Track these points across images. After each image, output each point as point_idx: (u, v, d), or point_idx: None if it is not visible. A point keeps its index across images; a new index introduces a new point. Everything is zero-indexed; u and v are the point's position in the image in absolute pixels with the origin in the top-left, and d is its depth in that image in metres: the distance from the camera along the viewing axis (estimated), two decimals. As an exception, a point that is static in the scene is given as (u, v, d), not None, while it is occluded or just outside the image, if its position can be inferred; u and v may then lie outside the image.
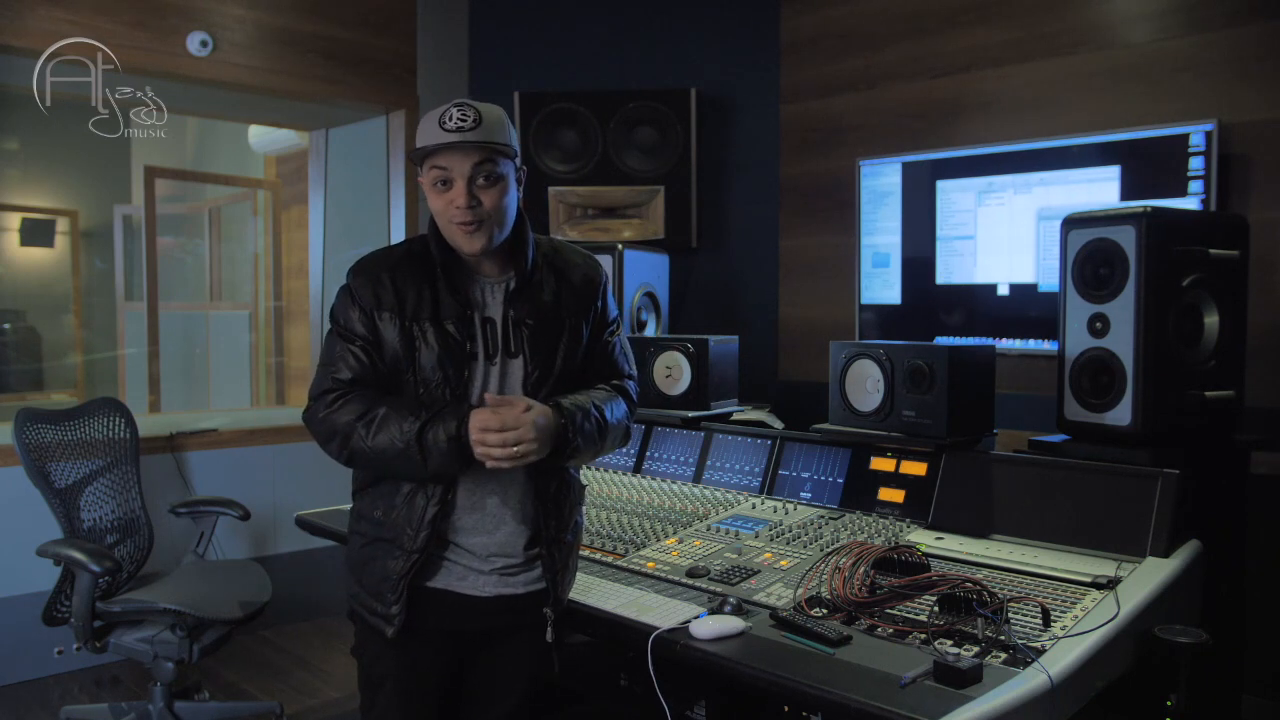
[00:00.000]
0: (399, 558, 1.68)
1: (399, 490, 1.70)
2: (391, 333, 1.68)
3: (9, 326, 6.69)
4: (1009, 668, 1.54)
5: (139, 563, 3.06)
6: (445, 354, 1.67)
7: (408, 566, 1.68)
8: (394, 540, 1.69)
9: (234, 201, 6.18)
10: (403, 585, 1.68)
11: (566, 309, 1.77)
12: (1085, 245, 2.11)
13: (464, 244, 1.67)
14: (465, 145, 1.62)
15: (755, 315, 4.10)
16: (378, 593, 1.71)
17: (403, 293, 1.68)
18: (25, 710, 3.22)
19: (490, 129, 1.64)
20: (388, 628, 1.69)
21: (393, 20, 4.21)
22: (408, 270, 1.71)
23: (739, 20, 4.14)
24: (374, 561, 1.71)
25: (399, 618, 1.68)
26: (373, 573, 1.71)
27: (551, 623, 1.77)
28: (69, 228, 6.72)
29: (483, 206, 1.65)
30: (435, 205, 1.67)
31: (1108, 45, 3.20)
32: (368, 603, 1.73)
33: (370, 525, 1.74)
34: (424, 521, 1.68)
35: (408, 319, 1.67)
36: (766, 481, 2.57)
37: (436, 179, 1.65)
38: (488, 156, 1.64)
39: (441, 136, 1.62)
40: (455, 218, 1.64)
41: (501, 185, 1.67)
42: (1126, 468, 2.00)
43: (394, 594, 1.68)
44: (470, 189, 1.63)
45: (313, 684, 3.47)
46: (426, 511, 1.68)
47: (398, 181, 4.35)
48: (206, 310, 6.27)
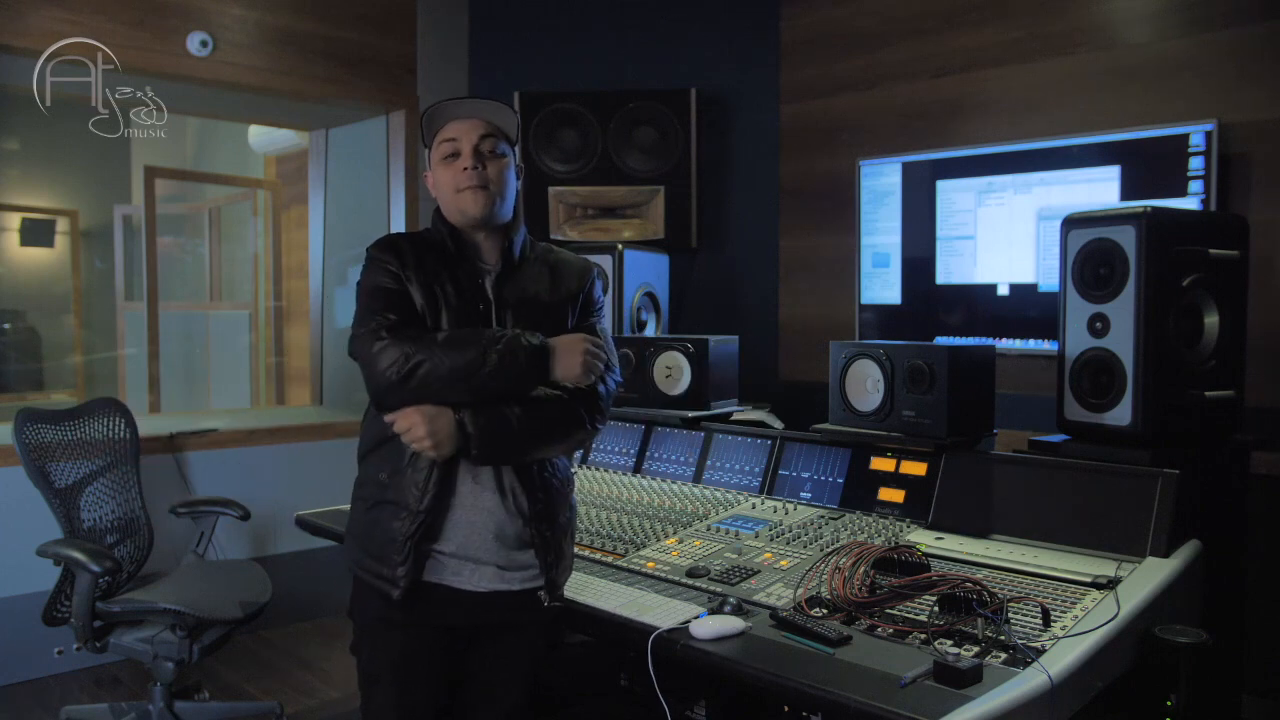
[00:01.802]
0: (404, 519, 1.69)
1: (405, 450, 1.71)
2: (416, 291, 1.73)
3: (9, 326, 6.69)
4: (1009, 668, 1.54)
5: (139, 563, 3.06)
6: (464, 314, 1.73)
7: (414, 527, 1.69)
8: (399, 501, 1.70)
9: (234, 201, 6.18)
10: (409, 546, 1.69)
11: (554, 296, 1.82)
12: (1085, 245, 2.11)
13: (469, 207, 1.74)
14: (473, 115, 1.76)
15: (755, 315, 4.10)
16: (382, 555, 1.71)
17: (422, 257, 1.75)
18: (25, 710, 3.22)
19: (497, 110, 1.79)
20: (393, 589, 1.70)
21: (393, 20, 4.21)
22: (423, 243, 1.79)
23: (739, 20, 4.14)
24: (379, 524, 1.73)
25: (405, 579, 1.69)
26: (377, 535, 1.72)
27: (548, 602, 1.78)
28: (69, 228, 6.72)
29: (487, 173, 1.74)
30: (443, 178, 1.77)
31: (1108, 45, 3.20)
32: (372, 566, 1.73)
33: (375, 488, 1.75)
34: (430, 482, 1.69)
35: (429, 277, 1.73)
36: (766, 481, 2.57)
37: (446, 152, 1.77)
38: (492, 132, 1.77)
39: (452, 107, 1.78)
40: (461, 182, 1.74)
41: (504, 161, 1.79)
42: (1126, 468, 2.00)
43: (400, 555, 1.69)
44: (476, 155, 1.74)
45: (313, 684, 3.47)
46: (432, 470, 1.69)
47: (398, 181, 4.35)
48: (206, 310, 6.27)
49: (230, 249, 6.29)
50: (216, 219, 6.29)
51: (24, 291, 6.73)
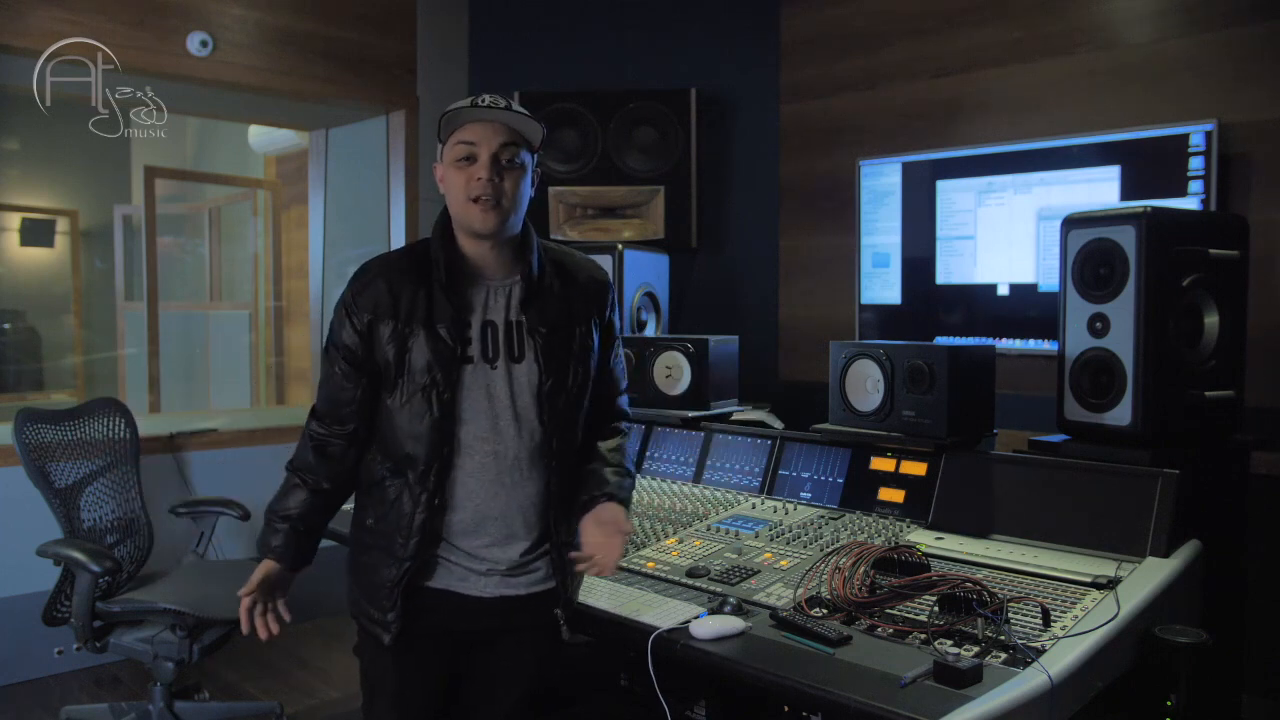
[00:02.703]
0: (391, 566, 1.69)
1: (386, 496, 1.70)
2: (384, 336, 1.67)
3: (9, 326, 6.69)
4: (1009, 668, 1.54)
5: (139, 563, 3.06)
6: (435, 358, 1.66)
7: (400, 574, 1.68)
8: (386, 549, 1.70)
9: (234, 201, 6.18)
10: (396, 594, 1.68)
11: (577, 314, 1.76)
12: (1085, 245, 2.11)
13: (478, 221, 1.65)
14: (495, 121, 1.65)
15: (755, 315, 4.10)
16: (374, 599, 1.71)
17: (397, 297, 1.68)
18: (25, 710, 3.22)
19: (520, 118, 1.67)
20: (384, 635, 1.70)
21: (393, 20, 4.21)
22: (405, 274, 1.70)
23: (739, 20, 4.14)
24: (369, 570, 1.73)
25: (395, 625, 1.69)
26: (368, 581, 1.73)
27: (565, 621, 1.77)
28: (69, 228, 6.72)
29: (503, 185, 1.65)
30: (454, 182, 1.67)
31: (1108, 45, 3.20)
32: (365, 609, 1.74)
33: (365, 533, 1.75)
34: (412, 528, 1.68)
35: (400, 322, 1.67)
36: (766, 481, 2.57)
37: (460, 155, 1.65)
38: (514, 139, 1.66)
39: (474, 111, 1.65)
40: (474, 191, 1.64)
41: (521, 173, 1.68)
42: (1126, 468, 2.00)
43: (389, 601, 1.69)
44: (494, 164, 1.64)
45: (313, 684, 3.47)
46: (414, 518, 1.68)
47: (398, 181, 4.35)
48: (206, 310, 6.27)
49: (230, 249, 6.28)
50: (216, 219, 6.29)
51: (24, 291, 6.73)
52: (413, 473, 1.67)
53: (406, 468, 1.68)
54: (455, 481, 1.69)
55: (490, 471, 1.69)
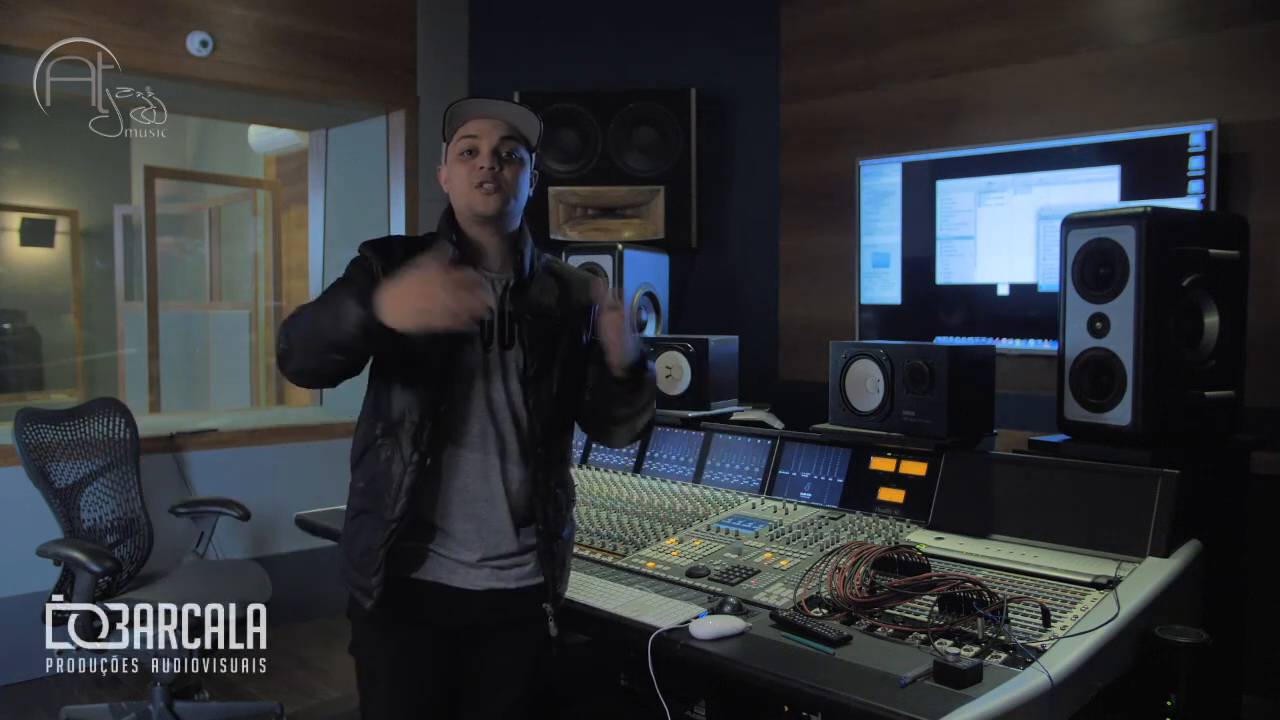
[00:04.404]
0: (379, 529, 1.70)
1: (378, 458, 1.72)
2: None
3: (9, 326, 6.69)
4: (1009, 668, 1.54)
5: (139, 563, 3.06)
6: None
7: (386, 536, 1.69)
8: (375, 510, 1.71)
9: (234, 201, 6.18)
10: (381, 555, 1.69)
11: (565, 311, 1.81)
12: (1085, 245, 2.11)
13: (481, 204, 1.72)
14: (497, 115, 1.75)
15: (755, 315, 4.10)
16: (361, 565, 1.73)
17: (409, 257, 1.69)
18: (25, 710, 3.22)
19: (522, 114, 1.78)
20: (366, 600, 1.71)
21: (393, 20, 4.21)
22: (414, 246, 1.77)
23: (739, 20, 4.14)
24: (359, 534, 1.74)
25: (378, 590, 1.69)
26: (358, 545, 1.74)
27: (553, 618, 1.78)
28: (69, 228, 6.71)
29: (503, 173, 1.73)
30: (459, 175, 1.75)
31: (1108, 45, 3.20)
32: (354, 577, 1.75)
33: (357, 498, 1.77)
34: (401, 488, 1.69)
35: None
36: (766, 481, 2.57)
37: (464, 148, 1.74)
38: (513, 135, 1.76)
39: (477, 104, 1.77)
40: (477, 178, 1.72)
41: (520, 166, 1.76)
42: (1126, 468, 2.00)
43: (374, 564, 1.70)
44: (495, 156, 1.73)
45: (313, 684, 3.47)
46: (404, 478, 1.69)
47: (398, 181, 4.35)
48: (206, 310, 6.27)
49: (230, 249, 6.29)
50: (216, 219, 6.29)
51: (24, 291, 6.73)
52: (404, 433, 1.70)
53: (398, 429, 1.70)
54: (445, 453, 1.71)
55: (478, 451, 1.73)
